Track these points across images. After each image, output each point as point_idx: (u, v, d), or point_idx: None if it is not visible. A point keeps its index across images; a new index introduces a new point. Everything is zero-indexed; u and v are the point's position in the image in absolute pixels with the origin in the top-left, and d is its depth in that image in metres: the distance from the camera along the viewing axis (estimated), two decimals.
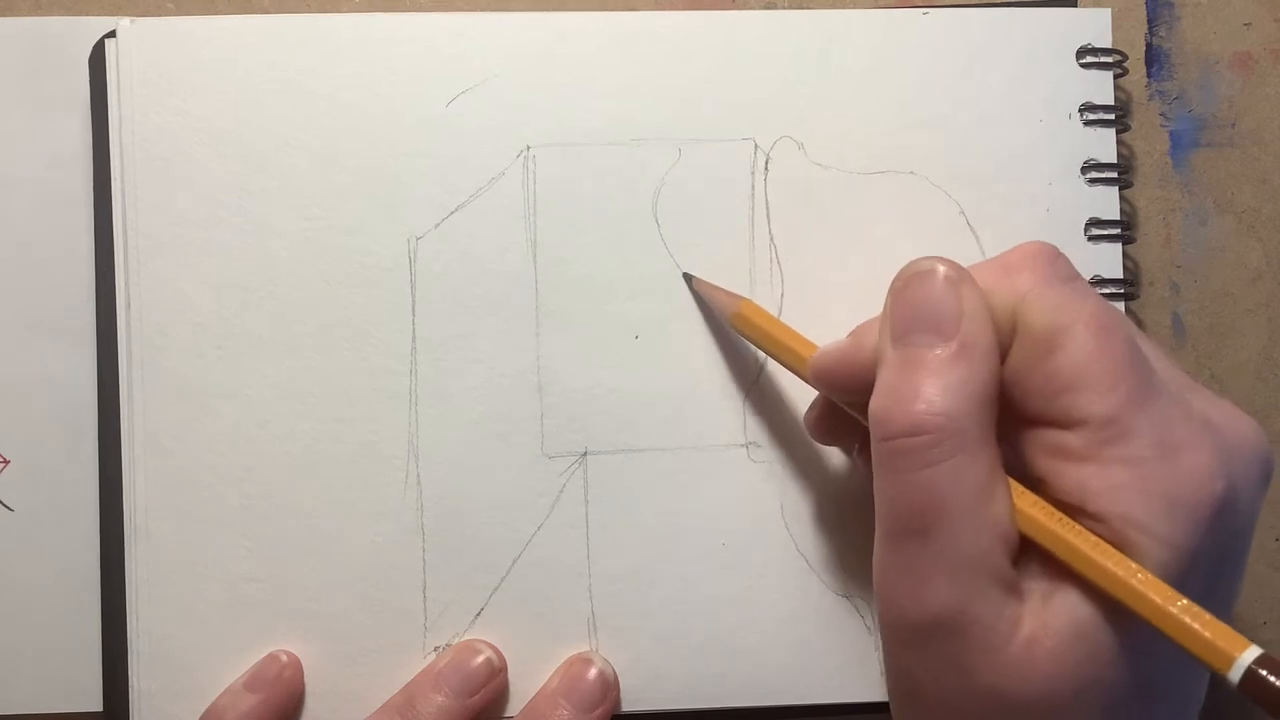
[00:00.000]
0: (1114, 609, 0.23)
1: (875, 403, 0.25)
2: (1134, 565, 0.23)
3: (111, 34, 0.33)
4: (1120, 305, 0.34)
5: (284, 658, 0.32)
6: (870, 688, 0.33)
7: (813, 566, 0.33)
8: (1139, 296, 0.35)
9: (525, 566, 0.33)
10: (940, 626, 0.24)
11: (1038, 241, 0.27)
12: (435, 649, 0.33)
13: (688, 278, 0.33)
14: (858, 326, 0.28)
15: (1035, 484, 0.25)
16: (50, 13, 0.35)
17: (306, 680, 0.32)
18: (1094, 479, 0.24)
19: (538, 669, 0.33)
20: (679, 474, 0.33)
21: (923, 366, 0.25)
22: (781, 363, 0.31)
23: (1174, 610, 0.22)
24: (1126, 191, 0.35)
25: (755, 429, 0.33)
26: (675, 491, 0.33)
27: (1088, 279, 0.34)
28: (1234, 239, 0.36)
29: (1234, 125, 0.36)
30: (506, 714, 0.33)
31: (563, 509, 0.33)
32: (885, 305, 0.26)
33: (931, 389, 0.24)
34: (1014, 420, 0.26)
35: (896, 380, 0.25)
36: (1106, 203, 0.34)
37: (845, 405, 0.29)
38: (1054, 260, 0.26)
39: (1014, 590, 0.24)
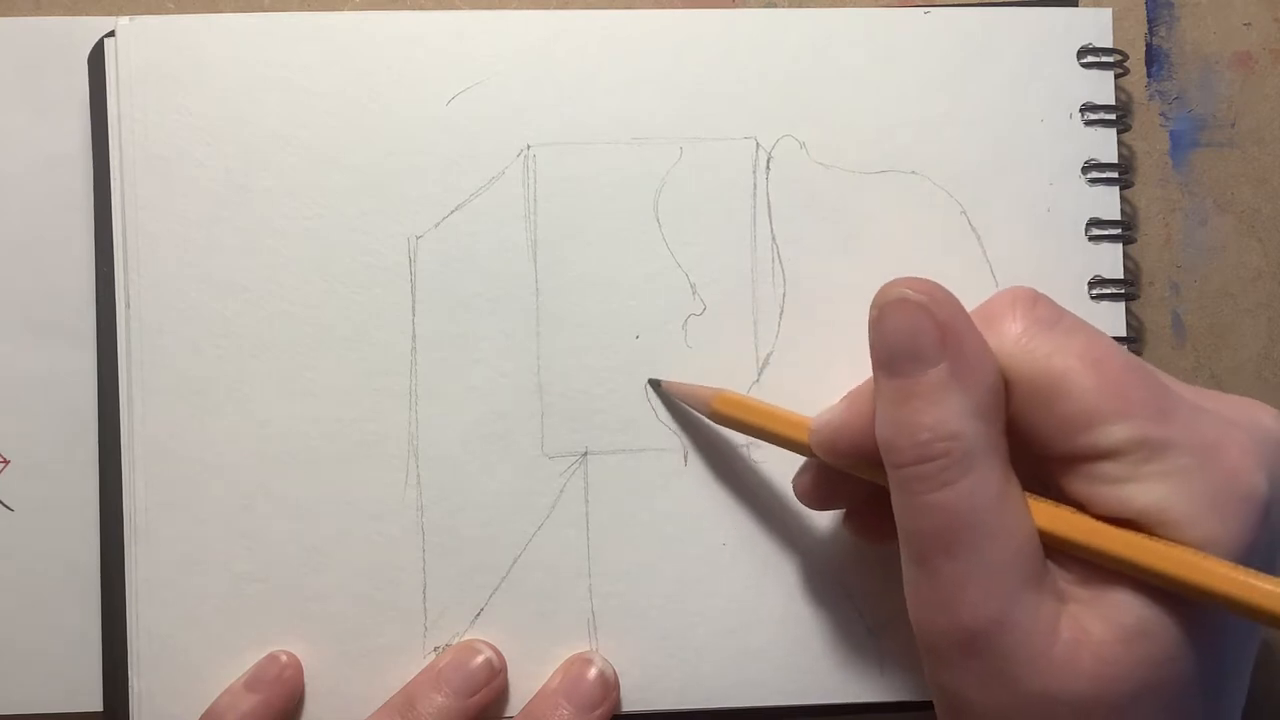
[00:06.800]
0: (1168, 609, 0.23)
1: (881, 433, 0.25)
2: (1201, 554, 0.23)
3: (111, 33, 0.33)
4: (1120, 305, 0.34)
5: (284, 658, 0.32)
6: (870, 688, 0.33)
7: (813, 567, 0.33)
8: (1139, 296, 0.35)
9: (525, 566, 0.33)
10: (979, 638, 0.24)
11: (1014, 288, 0.26)
12: (435, 649, 0.33)
13: (654, 383, 0.33)
14: (850, 391, 0.28)
15: (1076, 508, 0.25)
16: (50, 13, 0.35)
17: (306, 680, 0.32)
18: (1139, 496, 0.24)
19: (538, 669, 0.33)
20: (679, 474, 0.33)
21: (917, 395, 0.24)
22: (776, 443, 0.30)
23: (1258, 584, 0.22)
24: (1127, 191, 0.35)
25: None
26: (675, 491, 0.33)
27: (1088, 279, 0.34)
28: (1234, 239, 0.36)
29: (1234, 125, 0.36)
30: (506, 714, 0.32)
31: (563, 509, 0.33)
32: (869, 334, 0.26)
33: (932, 415, 0.24)
34: (1041, 459, 0.25)
35: (896, 410, 0.25)
36: (1107, 203, 0.34)
37: (852, 470, 0.28)
38: (1034, 305, 0.26)
39: (1050, 591, 0.24)
